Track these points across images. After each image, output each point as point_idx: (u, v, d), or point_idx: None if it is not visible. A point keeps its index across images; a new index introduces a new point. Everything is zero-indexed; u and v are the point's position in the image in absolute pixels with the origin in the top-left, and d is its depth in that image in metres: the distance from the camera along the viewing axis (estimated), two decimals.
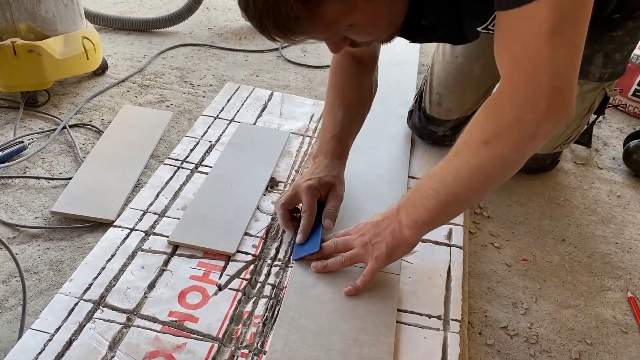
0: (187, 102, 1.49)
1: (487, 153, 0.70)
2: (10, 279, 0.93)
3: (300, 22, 0.64)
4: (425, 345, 0.82)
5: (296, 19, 0.64)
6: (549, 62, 0.63)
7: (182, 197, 1.06)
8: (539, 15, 0.62)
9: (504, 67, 0.69)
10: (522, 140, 0.68)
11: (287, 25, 0.65)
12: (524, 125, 0.67)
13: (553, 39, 0.63)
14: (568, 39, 0.64)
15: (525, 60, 0.65)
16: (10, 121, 1.35)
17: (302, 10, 0.63)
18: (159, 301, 0.85)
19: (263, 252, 0.96)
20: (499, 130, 0.69)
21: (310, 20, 0.65)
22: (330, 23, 0.67)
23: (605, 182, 1.34)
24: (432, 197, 0.77)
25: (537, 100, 0.65)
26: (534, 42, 0.64)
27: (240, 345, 0.80)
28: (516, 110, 0.67)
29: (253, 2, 0.64)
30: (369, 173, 1.13)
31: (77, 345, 0.77)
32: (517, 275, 1.04)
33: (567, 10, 0.62)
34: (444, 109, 1.21)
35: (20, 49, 1.31)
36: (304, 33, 0.68)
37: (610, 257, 1.11)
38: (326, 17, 0.66)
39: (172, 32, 1.88)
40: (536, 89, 0.65)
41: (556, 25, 0.62)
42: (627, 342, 0.94)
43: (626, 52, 1.08)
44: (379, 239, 0.84)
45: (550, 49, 0.63)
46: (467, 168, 0.73)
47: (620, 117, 1.63)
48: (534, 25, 0.63)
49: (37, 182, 1.16)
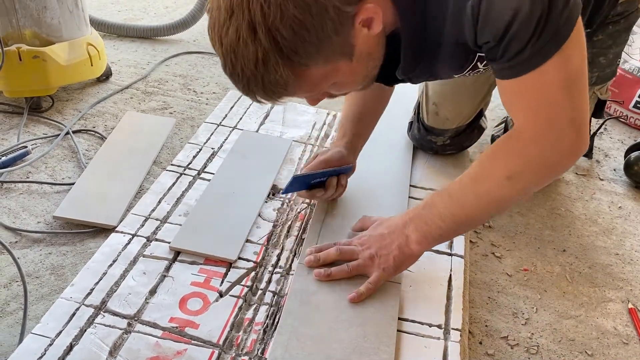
0: (190, 109, 1.50)
1: (510, 187, 0.76)
2: (12, 283, 0.93)
3: (287, 87, 0.68)
4: (426, 354, 0.81)
5: (284, 85, 0.67)
6: (567, 110, 0.70)
7: (184, 204, 1.07)
8: (549, 74, 0.68)
9: (519, 116, 0.75)
10: (545, 177, 0.78)
11: (275, 90, 0.68)
12: (549, 166, 0.75)
13: (568, 90, 0.69)
14: (578, 86, 0.70)
15: (544, 110, 0.71)
16: (14, 126, 1.35)
17: (290, 76, 0.66)
18: (160, 307, 0.85)
19: (264, 259, 0.96)
20: (523, 170, 0.75)
21: (297, 84, 0.68)
22: (315, 84, 0.71)
23: (607, 193, 1.34)
24: (447, 217, 0.81)
25: (559, 144, 0.72)
26: (551, 95, 0.70)
27: (241, 352, 0.80)
28: (541, 154, 0.73)
29: (241, 70, 0.65)
30: (370, 182, 1.13)
31: (77, 350, 0.77)
32: (518, 285, 1.04)
33: (574, 63, 0.69)
34: (441, 118, 1.22)
35: (26, 55, 1.32)
36: (289, 95, 0.71)
37: (611, 268, 1.11)
38: (311, 79, 0.69)
39: (176, 39, 1.90)
40: (558, 134, 0.72)
41: (568, 78, 0.69)
42: (627, 354, 0.94)
43: (611, 55, 1.10)
44: (385, 251, 0.86)
45: (566, 98, 0.70)
46: (488, 197, 0.78)
47: (621, 129, 1.64)
48: (546, 83, 0.69)
49: (40, 187, 1.16)
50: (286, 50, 0.63)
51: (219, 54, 0.67)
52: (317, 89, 0.73)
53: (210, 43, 0.69)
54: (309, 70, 0.67)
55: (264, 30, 0.61)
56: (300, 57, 0.65)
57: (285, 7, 0.60)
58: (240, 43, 0.63)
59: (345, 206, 1.06)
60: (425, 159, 1.27)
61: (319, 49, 0.65)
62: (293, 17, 0.61)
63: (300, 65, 0.66)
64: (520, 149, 0.75)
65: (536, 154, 0.74)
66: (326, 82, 0.72)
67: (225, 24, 0.63)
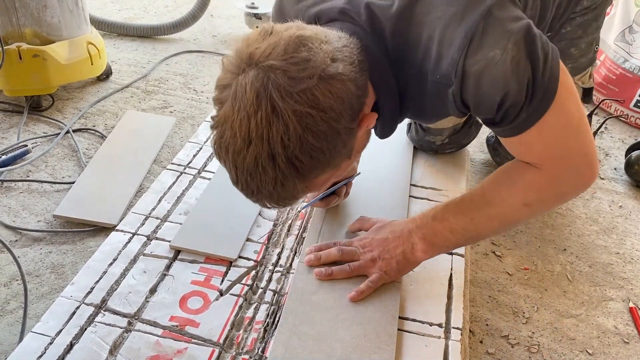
0: (190, 108, 1.50)
1: (526, 212, 0.80)
2: (12, 282, 0.93)
3: (297, 195, 0.72)
4: (427, 353, 0.81)
5: (297, 196, 0.72)
6: (577, 147, 0.76)
7: (185, 202, 1.06)
8: (550, 123, 0.72)
9: (533, 161, 0.78)
10: (560, 203, 0.84)
11: (288, 202, 0.72)
12: (565, 194, 0.81)
13: (573, 130, 0.74)
14: (580, 124, 0.75)
15: (557, 152, 0.76)
16: (14, 125, 1.35)
17: (303, 189, 0.71)
18: (160, 306, 0.85)
19: (265, 258, 0.96)
20: (541, 199, 0.79)
21: (307, 191, 0.74)
22: (321, 185, 0.77)
23: (607, 192, 1.34)
24: (459, 232, 0.83)
25: (577, 179, 0.78)
26: (559, 139, 0.74)
27: (241, 350, 0.80)
28: (560, 189, 0.79)
29: (256, 188, 0.68)
30: (371, 181, 1.13)
31: (77, 348, 0.77)
32: (519, 284, 1.04)
33: (570, 106, 0.73)
34: None
35: (26, 54, 1.32)
36: (299, 199, 0.76)
37: (611, 267, 1.11)
38: (319, 183, 0.75)
39: (176, 39, 1.90)
40: (575, 170, 0.77)
41: (569, 120, 0.74)
42: (628, 353, 0.94)
43: (583, 44, 1.10)
44: (388, 255, 0.87)
45: (573, 137, 0.75)
46: (502, 218, 0.82)
47: (622, 128, 1.64)
48: (550, 131, 0.73)
49: (40, 185, 1.16)
50: (302, 172, 0.67)
51: (231, 171, 0.69)
52: (322, 187, 0.81)
53: (210, 41, 0.69)
54: (316, 179, 0.72)
55: (284, 160, 0.65)
56: (314, 173, 0.69)
57: (305, 139, 0.64)
58: (258, 169, 0.65)
59: (345, 205, 1.06)
60: (425, 158, 1.27)
61: (330, 163, 0.70)
62: (311, 146, 0.65)
63: (312, 178, 0.70)
64: (540, 184, 0.78)
65: (555, 189, 0.78)
66: (329, 181, 0.79)
67: (242, 152, 0.65)
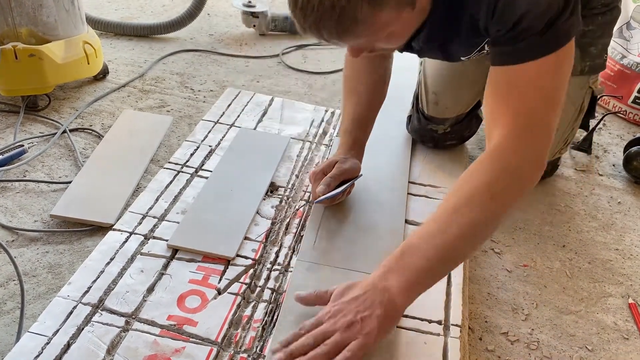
0: (187, 107, 1.49)
1: (494, 207, 0.74)
2: (9, 282, 0.93)
3: (357, 24, 0.67)
4: (426, 350, 0.81)
5: (357, 23, 0.67)
6: (544, 115, 0.74)
7: (182, 201, 1.06)
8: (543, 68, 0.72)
9: (498, 123, 0.76)
10: (520, 191, 0.76)
11: (346, 27, 0.68)
12: (524, 178, 0.76)
13: (549, 96, 0.74)
14: (557, 96, 0.75)
15: (524, 112, 0.74)
16: (10, 125, 1.35)
17: (367, 12, 0.66)
18: (158, 305, 0.84)
19: (262, 257, 0.96)
20: (505, 186, 0.74)
21: (366, 24, 0.68)
22: (379, 28, 0.71)
23: (606, 188, 1.34)
24: (431, 254, 0.73)
25: (535, 151, 0.75)
26: (536, 93, 0.74)
27: (239, 349, 0.79)
28: (520, 163, 0.74)
29: (319, 1, 0.65)
30: (369, 178, 1.13)
31: (75, 348, 0.76)
32: (518, 281, 1.04)
33: (563, 72, 0.75)
34: (441, 107, 1.22)
35: (22, 53, 1.31)
36: (353, 36, 0.71)
37: (611, 263, 1.11)
38: (378, 23, 0.70)
39: (173, 38, 1.89)
40: (534, 140, 0.75)
41: (553, 83, 0.74)
42: (628, 349, 0.93)
43: (600, 45, 1.13)
44: (366, 313, 0.72)
45: (545, 104, 0.74)
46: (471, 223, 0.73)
47: (620, 124, 1.64)
48: (540, 76, 0.73)
49: (36, 185, 1.16)
50: None
51: None
52: (377, 34, 0.73)
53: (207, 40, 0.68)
54: (380, 13, 0.68)
55: None
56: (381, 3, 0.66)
57: None
58: None
59: (343, 203, 1.06)
60: (424, 155, 1.27)
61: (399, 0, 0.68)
62: None
63: (377, 5, 0.67)
64: (501, 161, 0.75)
65: (515, 165, 0.74)
66: (386, 29, 0.72)
67: None
